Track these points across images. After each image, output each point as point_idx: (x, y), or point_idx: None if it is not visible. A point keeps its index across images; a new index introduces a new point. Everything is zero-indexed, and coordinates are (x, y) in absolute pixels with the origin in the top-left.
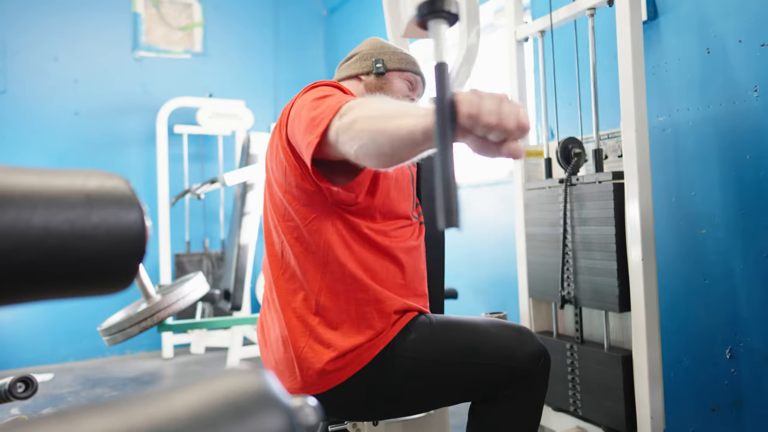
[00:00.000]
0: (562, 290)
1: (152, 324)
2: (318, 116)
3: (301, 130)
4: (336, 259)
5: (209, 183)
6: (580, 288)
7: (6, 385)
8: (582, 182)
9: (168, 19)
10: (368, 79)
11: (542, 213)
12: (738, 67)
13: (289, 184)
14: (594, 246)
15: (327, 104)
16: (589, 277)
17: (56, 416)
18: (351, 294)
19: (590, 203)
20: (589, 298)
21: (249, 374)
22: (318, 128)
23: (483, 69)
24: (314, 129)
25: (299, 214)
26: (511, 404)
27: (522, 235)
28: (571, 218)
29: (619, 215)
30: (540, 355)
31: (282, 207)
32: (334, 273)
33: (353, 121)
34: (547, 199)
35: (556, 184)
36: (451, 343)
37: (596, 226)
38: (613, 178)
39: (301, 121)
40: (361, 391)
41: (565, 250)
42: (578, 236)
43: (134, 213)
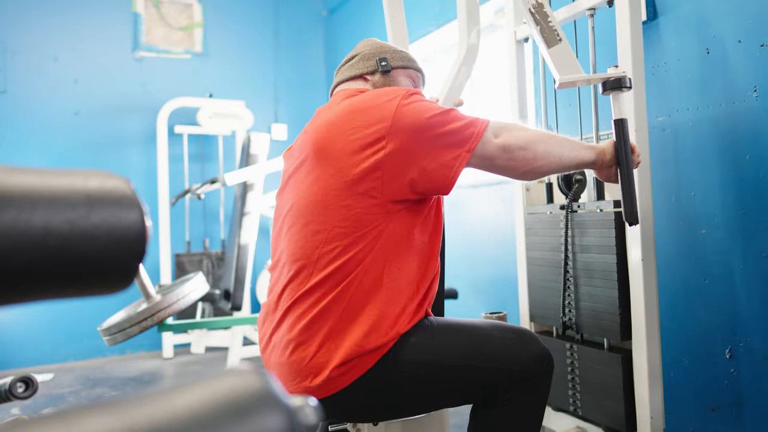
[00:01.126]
0: (563, 316)
1: (152, 324)
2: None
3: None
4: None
5: (209, 183)
6: (582, 315)
7: (6, 385)
8: (583, 210)
9: (168, 19)
10: (374, 78)
11: (543, 238)
12: (737, 68)
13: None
14: (595, 273)
15: (465, 121)
16: (591, 304)
17: (56, 416)
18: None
19: (591, 231)
20: (590, 326)
21: (249, 374)
22: (468, 144)
23: (483, 69)
24: (462, 144)
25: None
26: (513, 407)
27: (523, 259)
28: (572, 245)
29: (620, 244)
30: (543, 357)
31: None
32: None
33: (529, 142)
34: (549, 225)
35: (557, 210)
36: (453, 347)
37: (597, 254)
38: (615, 207)
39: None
40: (363, 395)
41: (567, 276)
42: (579, 263)
43: (134, 213)
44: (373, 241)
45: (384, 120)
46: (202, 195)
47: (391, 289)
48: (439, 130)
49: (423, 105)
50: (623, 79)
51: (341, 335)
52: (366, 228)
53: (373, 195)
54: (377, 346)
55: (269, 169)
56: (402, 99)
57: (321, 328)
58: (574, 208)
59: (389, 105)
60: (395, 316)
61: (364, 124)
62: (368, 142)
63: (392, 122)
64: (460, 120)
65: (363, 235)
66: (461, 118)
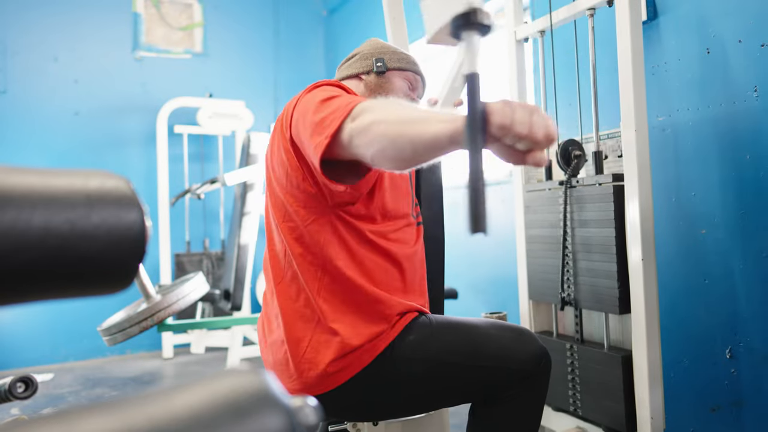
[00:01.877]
0: (562, 292)
1: (152, 324)
2: (327, 117)
3: (308, 132)
4: (333, 261)
5: (209, 183)
6: (580, 290)
7: (6, 385)
8: (582, 184)
9: (168, 19)
10: (369, 78)
11: (542, 215)
12: (738, 68)
13: (290, 184)
14: (594, 248)
15: (336, 105)
16: (589, 278)
17: (56, 416)
18: (349, 296)
19: (590, 205)
20: (589, 300)
21: (249, 374)
22: (328, 130)
23: (483, 69)
24: (323, 130)
25: (298, 215)
26: (511, 405)
27: (522, 236)
28: (571, 220)
29: (619, 217)
30: (541, 356)
31: (282, 207)
32: (332, 275)
33: (370, 124)
34: (547, 201)
35: (556, 186)
36: (452, 345)
37: (596, 228)
38: (613, 181)
39: (307, 122)
40: (361, 393)
41: (565, 252)
42: (578, 238)
43: (134, 213)
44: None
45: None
46: (202, 195)
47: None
48: (314, 116)
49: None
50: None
51: (329, 332)
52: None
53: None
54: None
55: None
56: (306, 91)
57: (308, 326)
58: (573, 184)
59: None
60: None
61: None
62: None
63: (293, 114)
64: (334, 105)
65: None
66: (335, 104)
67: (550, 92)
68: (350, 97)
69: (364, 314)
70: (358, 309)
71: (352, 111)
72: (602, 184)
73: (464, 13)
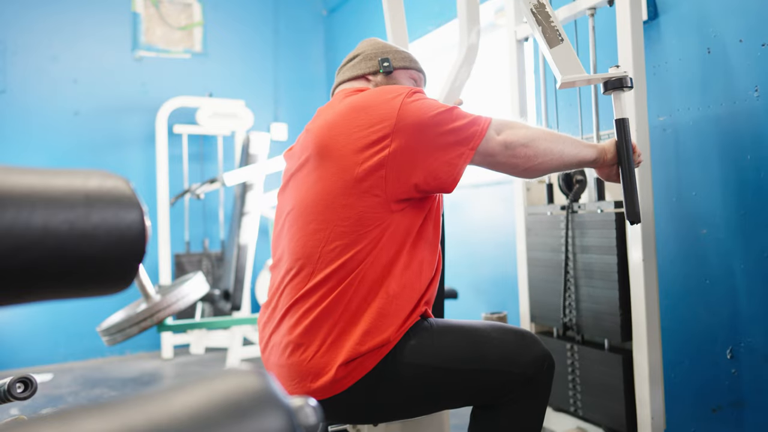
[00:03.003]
0: (563, 317)
1: (152, 324)
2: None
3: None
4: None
5: (209, 183)
6: (582, 315)
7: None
8: (584, 210)
9: (168, 18)
10: (376, 78)
11: (544, 238)
12: (738, 67)
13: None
14: (596, 274)
15: (468, 119)
16: (591, 305)
17: (56, 416)
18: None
19: (592, 231)
20: (591, 327)
21: (249, 374)
22: (472, 142)
23: (483, 69)
24: (466, 142)
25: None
26: (513, 409)
27: (524, 259)
28: (572, 245)
29: (621, 245)
30: (544, 359)
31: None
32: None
33: (531, 140)
34: (549, 225)
35: (557, 211)
36: (453, 349)
37: (598, 255)
38: (615, 207)
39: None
40: (363, 397)
41: (567, 276)
42: (580, 264)
43: (134, 213)
44: (375, 239)
45: (388, 118)
46: (202, 195)
47: (391, 288)
48: (443, 128)
49: (426, 103)
50: (624, 79)
51: (341, 337)
52: (368, 227)
53: (376, 193)
54: (377, 345)
55: (269, 169)
56: (405, 97)
57: (321, 330)
58: (575, 209)
59: (393, 103)
60: (396, 316)
61: (367, 123)
62: (372, 140)
63: (396, 120)
64: (464, 118)
65: (365, 234)
66: (464, 116)
67: (551, 92)
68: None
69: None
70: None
71: (490, 125)
72: (604, 210)
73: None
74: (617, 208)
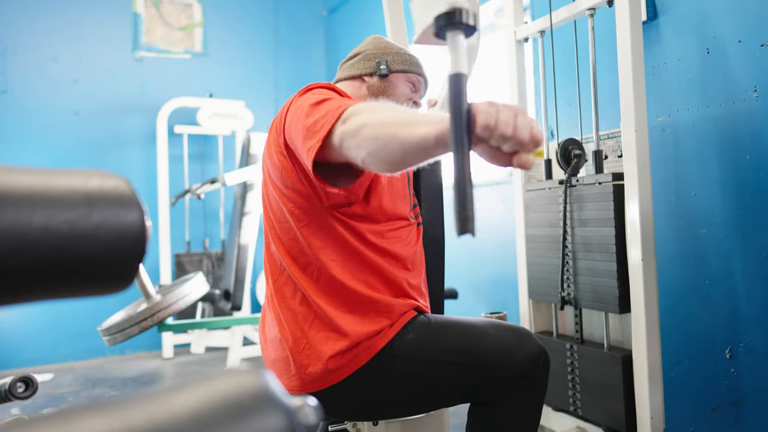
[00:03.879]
0: (562, 291)
1: (152, 324)
2: (318, 121)
3: (301, 135)
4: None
5: (209, 183)
6: (580, 289)
7: (6, 385)
8: (582, 183)
9: (168, 19)
10: (371, 80)
11: (542, 214)
12: (737, 68)
13: (285, 186)
14: (594, 247)
15: (327, 108)
16: (589, 278)
17: (56, 416)
18: (345, 297)
19: (590, 204)
20: (589, 299)
21: (249, 374)
22: (319, 133)
23: (483, 69)
24: (315, 134)
25: (294, 216)
26: (510, 405)
27: (522, 235)
28: (571, 219)
29: (619, 216)
30: (539, 355)
31: (278, 208)
32: (326, 277)
33: (360, 127)
34: (547, 200)
35: (556, 185)
36: (450, 344)
37: (596, 228)
38: (613, 180)
39: (299, 125)
40: (360, 391)
41: (565, 251)
42: (578, 237)
43: (134, 213)
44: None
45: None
46: (202, 195)
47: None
48: (304, 121)
49: (309, 98)
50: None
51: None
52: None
53: (297, 190)
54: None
55: None
56: (299, 94)
57: (305, 323)
58: (573, 183)
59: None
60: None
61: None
62: (278, 141)
63: (285, 118)
64: (324, 109)
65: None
66: (326, 108)
67: (550, 92)
68: (341, 100)
69: (361, 313)
70: (355, 308)
71: (342, 114)
72: (602, 183)
73: (447, 13)
74: (615, 180)
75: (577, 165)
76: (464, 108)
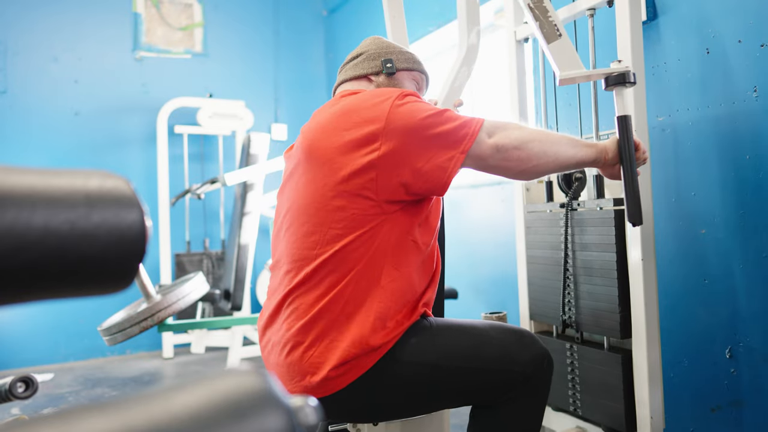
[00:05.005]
0: (563, 314)
1: (152, 324)
2: (453, 133)
3: (430, 145)
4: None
5: (209, 183)
6: (582, 313)
7: (6, 384)
8: (583, 208)
9: (168, 19)
10: (379, 79)
11: (543, 236)
12: (737, 68)
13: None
14: (595, 272)
15: (459, 121)
16: (591, 302)
17: (56, 416)
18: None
19: (591, 229)
20: (590, 324)
21: (249, 374)
22: (462, 145)
23: (483, 69)
24: (456, 145)
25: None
26: (512, 408)
27: (523, 257)
28: (572, 243)
29: (620, 242)
30: (542, 358)
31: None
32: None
33: (525, 142)
34: (548, 223)
35: (557, 208)
36: (452, 348)
37: (597, 252)
38: (614, 205)
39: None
40: (362, 396)
41: (566, 274)
42: (579, 261)
43: (134, 213)
44: (369, 241)
45: (377, 121)
46: (202, 195)
47: (388, 290)
48: (432, 131)
49: (417, 106)
50: (627, 74)
51: (338, 336)
52: (362, 229)
53: (367, 195)
54: (375, 346)
55: (269, 169)
56: (396, 99)
57: (317, 329)
58: (574, 207)
59: (383, 106)
60: (393, 317)
61: (357, 125)
62: (362, 142)
63: (386, 123)
64: (455, 120)
65: (359, 236)
66: (455, 119)
67: (550, 92)
68: (460, 114)
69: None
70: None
71: (482, 127)
72: (603, 208)
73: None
74: (616, 205)
75: (578, 189)
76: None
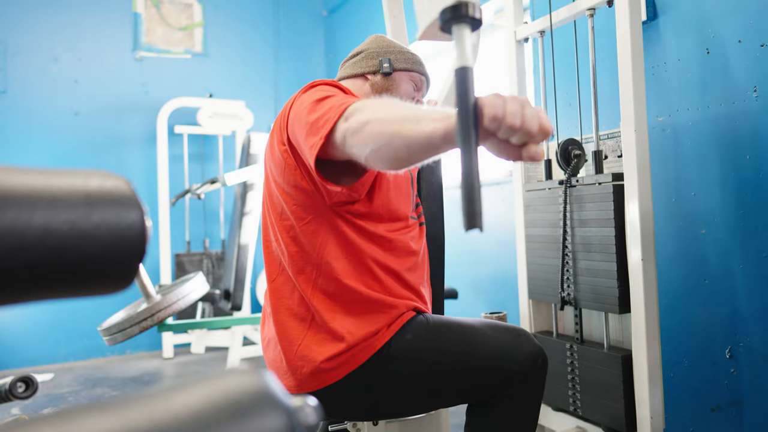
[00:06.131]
0: (562, 291)
1: (152, 324)
2: (321, 117)
3: (303, 132)
4: (328, 263)
5: (209, 183)
6: (580, 289)
7: (6, 384)
8: (582, 184)
9: (168, 19)
10: (375, 78)
11: (542, 214)
12: (737, 68)
13: (287, 183)
14: (594, 247)
15: (330, 105)
16: (589, 278)
17: (56, 416)
18: (344, 296)
19: (590, 205)
20: (589, 300)
21: (249, 374)
22: (322, 130)
23: (483, 69)
24: (318, 131)
25: (295, 214)
26: (508, 406)
27: (522, 236)
28: (570, 219)
29: (618, 217)
30: (537, 356)
31: (279, 206)
32: (326, 276)
33: (364, 124)
34: (547, 201)
35: (555, 186)
36: (448, 345)
37: (596, 228)
38: (613, 180)
39: (302, 122)
40: (357, 391)
41: (565, 251)
42: (578, 237)
43: (134, 213)
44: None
45: (286, 113)
46: (202, 195)
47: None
48: (309, 117)
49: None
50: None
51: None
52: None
53: (301, 187)
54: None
55: None
56: (302, 90)
57: (302, 324)
58: (573, 183)
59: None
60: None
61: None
62: (281, 137)
63: (288, 114)
64: (327, 105)
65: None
66: (330, 104)
67: (550, 92)
68: (344, 97)
69: (359, 314)
70: (353, 309)
71: (345, 111)
72: (602, 183)
73: (453, 6)
74: (615, 180)
75: (577, 165)
76: (471, 101)
